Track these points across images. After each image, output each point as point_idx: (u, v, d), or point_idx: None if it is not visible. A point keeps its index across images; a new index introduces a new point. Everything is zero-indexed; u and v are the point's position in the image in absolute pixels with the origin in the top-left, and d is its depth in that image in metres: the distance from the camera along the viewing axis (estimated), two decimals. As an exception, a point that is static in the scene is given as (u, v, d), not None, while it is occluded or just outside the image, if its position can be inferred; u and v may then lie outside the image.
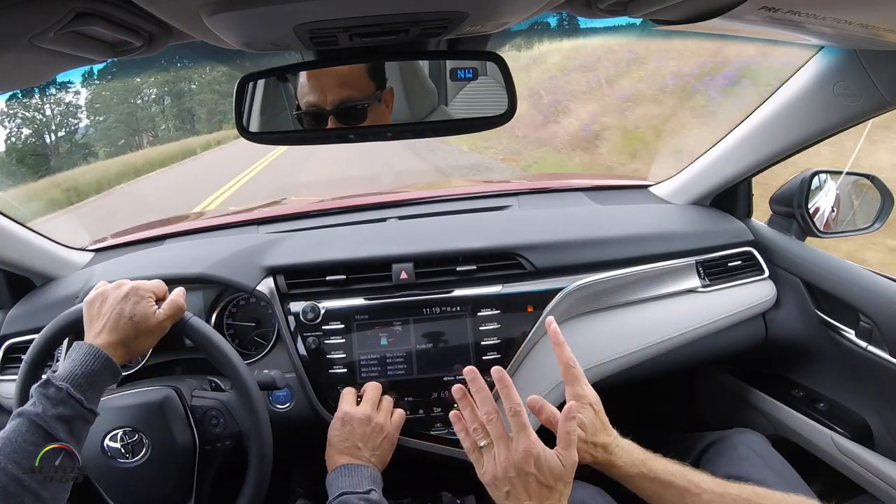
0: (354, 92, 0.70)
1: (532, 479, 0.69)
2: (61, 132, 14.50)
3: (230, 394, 0.85)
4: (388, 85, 0.70)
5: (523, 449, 0.69)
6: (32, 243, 1.09)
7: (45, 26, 0.42)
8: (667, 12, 0.55)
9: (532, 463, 0.69)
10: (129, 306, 0.76)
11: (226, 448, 0.83)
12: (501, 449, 0.71)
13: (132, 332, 0.76)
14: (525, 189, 1.43)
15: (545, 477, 0.69)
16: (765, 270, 1.14)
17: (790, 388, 1.16)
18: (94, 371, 0.69)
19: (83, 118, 15.12)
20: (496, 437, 0.72)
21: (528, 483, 0.69)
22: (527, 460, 0.69)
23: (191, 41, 0.54)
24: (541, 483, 0.69)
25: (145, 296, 0.79)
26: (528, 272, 1.01)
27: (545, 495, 0.69)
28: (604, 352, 1.02)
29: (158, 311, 0.79)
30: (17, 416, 0.64)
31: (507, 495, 0.70)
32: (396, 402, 0.97)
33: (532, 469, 0.69)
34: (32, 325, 1.03)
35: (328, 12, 0.48)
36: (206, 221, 1.38)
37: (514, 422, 0.71)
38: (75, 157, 13.46)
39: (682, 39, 5.81)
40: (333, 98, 0.69)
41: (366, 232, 1.17)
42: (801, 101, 0.92)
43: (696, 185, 1.22)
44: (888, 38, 0.63)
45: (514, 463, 0.69)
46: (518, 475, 0.69)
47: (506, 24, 0.58)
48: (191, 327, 0.82)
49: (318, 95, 0.70)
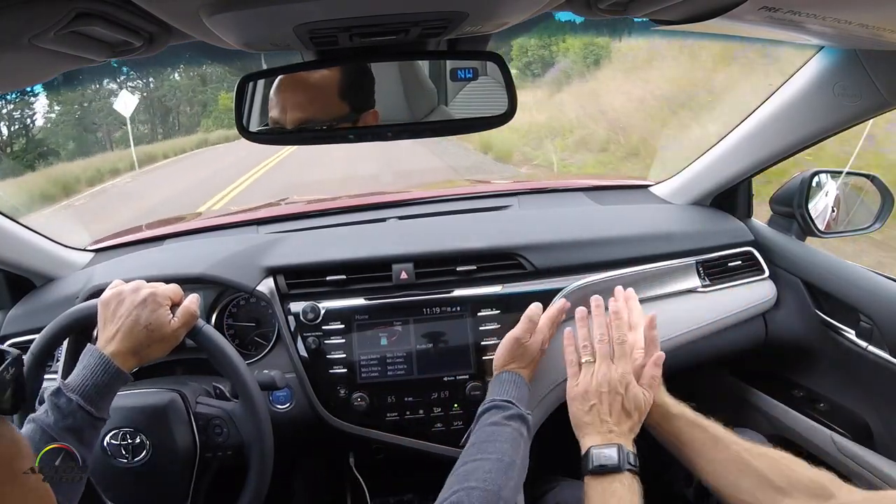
0: (317, 113, 0.68)
1: (619, 399, 0.78)
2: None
3: (235, 404, 0.84)
4: (376, 108, 0.68)
5: (622, 371, 0.79)
6: (32, 243, 1.09)
7: (45, 26, 0.42)
8: (667, 12, 0.55)
9: (625, 386, 0.78)
10: (146, 313, 0.75)
11: (226, 457, 0.83)
12: (603, 367, 0.81)
13: (145, 340, 0.75)
14: (525, 189, 1.43)
15: (629, 402, 0.78)
16: (765, 270, 1.14)
17: (790, 388, 1.16)
18: (103, 382, 0.70)
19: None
20: (602, 355, 0.82)
21: (614, 402, 0.78)
22: (622, 381, 0.78)
23: (191, 41, 0.54)
24: (624, 406, 0.77)
25: (163, 303, 0.77)
26: (528, 272, 1.01)
27: (623, 419, 0.77)
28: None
29: (173, 321, 0.78)
30: (29, 421, 0.65)
31: (591, 408, 0.78)
32: (396, 402, 0.97)
33: (622, 390, 0.78)
34: (32, 325, 1.03)
35: (328, 12, 0.48)
36: (206, 221, 1.38)
37: (619, 349, 0.82)
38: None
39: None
40: (293, 117, 0.68)
41: (366, 232, 1.17)
42: (801, 101, 0.92)
43: (696, 185, 1.22)
44: (888, 38, 0.63)
45: (609, 380, 0.79)
46: (609, 392, 0.78)
47: (506, 24, 0.58)
48: (203, 336, 0.81)
49: (279, 112, 0.68)
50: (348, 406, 0.97)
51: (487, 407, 0.81)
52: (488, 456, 0.72)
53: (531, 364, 0.88)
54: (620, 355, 0.81)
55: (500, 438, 0.75)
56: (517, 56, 11.30)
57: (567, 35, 9.27)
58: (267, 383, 0.87)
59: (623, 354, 0.81)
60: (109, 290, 0.79)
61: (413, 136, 0.74)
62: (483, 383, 0.97)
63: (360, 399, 0.96)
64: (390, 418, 0.98)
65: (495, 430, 0.77)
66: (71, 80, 10.08)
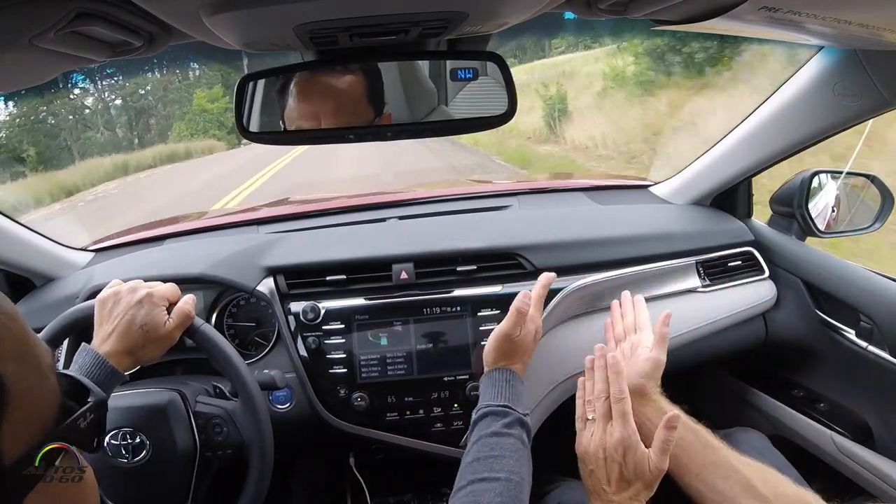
0: (351, 120, 0.67)
1: (616, 467, 0.71)
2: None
3: (235, 403, 0.84)
4: (386, 110, 0.67)
5: (618, 436, 0.72)
6: (32, 243, 1.09)
7: (45, 26, 0.42)
8: (667, 12, 0.55)
9: (622, 452, 0.71)
10: (142, 314, 0.75)
11: (226, 456, 0.83)
12: (599, 428, 0.75)
13: (141, 340, 0.75)
14: (525, 189, 1.43)
15: (628, 470, 0.70)
16: (765, 270, 1.14)
17: (790, 388, 1.16)
18: (99, 381, 0.69)
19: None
20: (600, 415, 0.76)
21: (612, 470, 0.71)
22: (617, 448, 0.71)
23: (191, 41, 0.54)
24: (622, 474, 0.70)
25: (159, 303, 0.77)
26: (528, 272, 1.01)
27: (623, 487, 0.70)
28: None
29: (168, 322, 0.77)
30: None
31: (590, 473, 0.73)
32: (396, 402, 0.97)
33: (619, 458, 0.71)
34: (32, 325, 1.01)
35: (328, 12, 0.48)
36: (206, 221, 1.37)
37: (616, 408, 0.74)
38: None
39: None
40: (329, 126, 0.66)
41: (366, 232, 1.17)
42: (801, 101, 0.92)
43: (697, 185, 1.22)
44: (888, 38, 0.63)
45: (605, 446, 0.72)
46: (605, 459, 0.72)
47: (506, 24, 0.58)
48: (202, 335, 0.81)
49: (312, 122, 0.66)
50: (348, 406, 0.97)
51: (483, 413, 0.77)
52: (496, 475, 0.69)
53: (524, 356, 0.85)
54: (618, 415, 0.74)
55: (505, 453, 0.71)
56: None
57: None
58: (267, 383, 0.87)
59: (621, 414, 0.73)
60: (107, 289, 0.79)
61: (413, 136, 0.74)
62: None
63: (360, 399, 0.96)
64: (390, 418, 0.98)
65: (498, 441, 0.73)
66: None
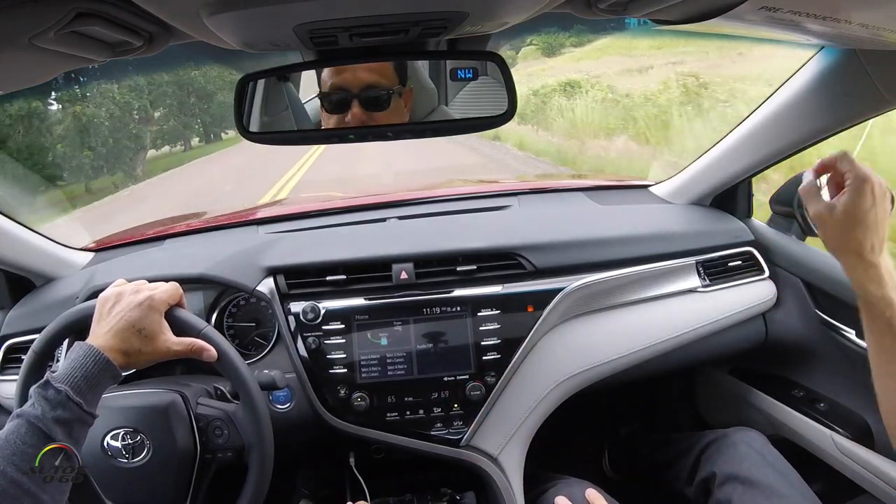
0: (382, 79, 0.69)
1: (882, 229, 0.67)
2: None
3: (236, 406, 0.84)
4: (409, 85, 0.70)
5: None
6: (32, 243, 1.09)
7: (45, 26, 0.42)
8: (667, 12, 0.55)
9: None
10: (141, 316, 0.74)
11: (226, 458, 0.82)
12: (860, 190, 0.68)
13: (136, 343, 0.74)
14: (525, 189, 1.43)
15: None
16: (765, 270, 1.14)
17: (790, 388, 1.16)
18: (93, 374, 0.68)
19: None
20: (859, 175, 0.69)
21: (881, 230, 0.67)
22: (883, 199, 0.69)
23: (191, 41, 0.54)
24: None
25: (159, 308, 0.76)
26: (528, 272, 1.01)
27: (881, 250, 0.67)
28: (604, 352, 1.02)
29: (171, 337, 0.76)
30: (15, 417, 0.63)
31: (849, 236, 0.69)
32: (396, 402, 0.97)
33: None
34: (33, 325, 1.03)
35: (328, 12, 0.48)
36: (206, 222, 1.38)
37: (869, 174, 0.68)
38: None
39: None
40: (361, 81, 0.69)
41: (366, 232, 1.17)
42: (801, 101, 0.92)
43: (697, 185, 1.22)
44: (888, 38, 0.63)
45: (875, 205, 0.68)
46: (878, 221, 0.69)
47: (506, 24, 0.58)
48: (204, 338, 0.80)
49: (346, 77, 0.69)
50: (348, 406, 0.97)
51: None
52: None
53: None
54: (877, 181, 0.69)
55: None
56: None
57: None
58: (267, 383, 0.87)
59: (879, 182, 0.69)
60: (111, 287, 0.78)
61: (413, 135, 0.74)
62: (483, 383, 0.97)
63: (361, 399, 0.96)
64: (390, 418, 0.98)
65: None
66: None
